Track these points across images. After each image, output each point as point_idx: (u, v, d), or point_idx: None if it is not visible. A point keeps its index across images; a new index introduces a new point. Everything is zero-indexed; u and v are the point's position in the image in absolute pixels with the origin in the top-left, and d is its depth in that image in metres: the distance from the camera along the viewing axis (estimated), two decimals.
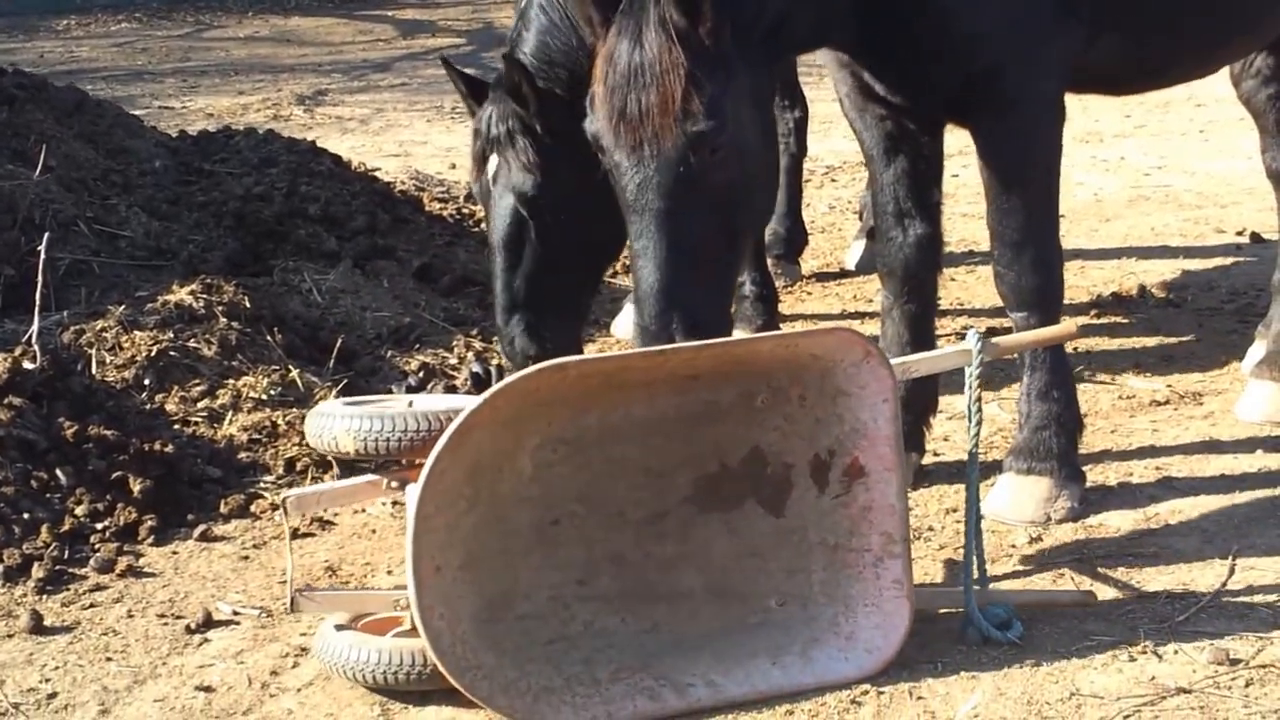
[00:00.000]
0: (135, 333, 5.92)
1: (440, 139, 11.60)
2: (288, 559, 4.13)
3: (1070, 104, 4.89)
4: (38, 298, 5.64)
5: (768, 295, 6.71)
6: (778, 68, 4.99)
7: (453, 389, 5.96)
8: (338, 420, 3.91)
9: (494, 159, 5.39)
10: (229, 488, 5.26)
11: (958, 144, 5.72)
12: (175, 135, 8.81)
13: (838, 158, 10.40)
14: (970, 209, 8.34)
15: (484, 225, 6.22)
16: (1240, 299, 7.11)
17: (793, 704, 3.82)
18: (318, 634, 4.07)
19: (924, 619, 4.09)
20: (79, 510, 4.93)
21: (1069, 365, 5.03)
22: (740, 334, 5.99)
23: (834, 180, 10.08)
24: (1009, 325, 4.97)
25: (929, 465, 5.22)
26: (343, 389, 5.86)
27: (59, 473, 5.02)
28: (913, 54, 4.64)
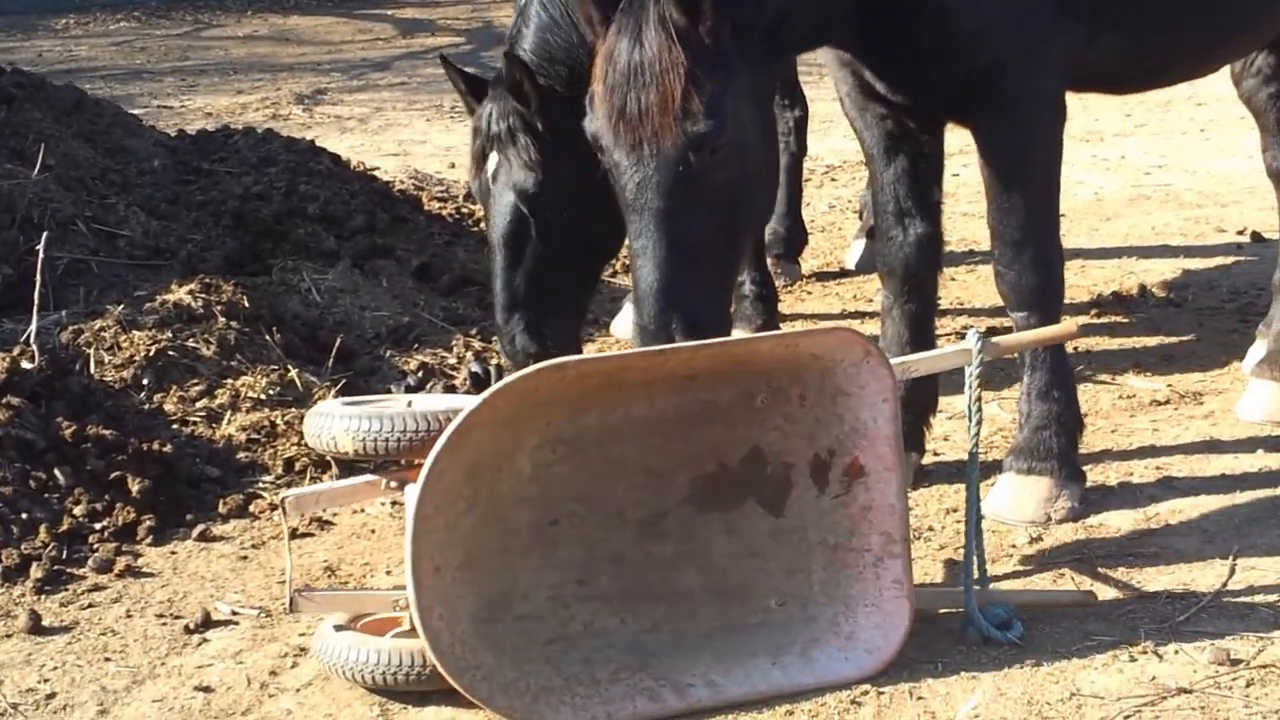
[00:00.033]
0: (134, 332, 5.91)
1: (439, 138, 11.59)
2: (287, 559, 4.12)
3: (1070, 103, 4.88)
4: (36, 297, 5.62)
5: (767, 295, 6.70)
6: (778, 66, 4.98)
7: (452, 389, 5.96)
8: (336, 420, 3.91)
9: (493, 157, 5.37)
10: (228, 488, 5.25)
11: (958, 143, 5.71)
12: (174, 134, 8.81)
13: (838, 157, 10.38)
14: (971, 208, 8.33)
15: (483, 224, 6.21)
16: (1241, 298, 7.11)
17: (793, 704, 3.82)
18: (317, 634, 4.07)
19: (924, 619, 4.08)
20: (77, 510, 4.93)
21: (1069, 365, 5.02)
22: (740, 333, 5.99)
23: (834, 179, 10.07)
24: (1009, 325, 4.96)
25: (929, 465, 5.22)
26: (341, 389, 5.84)
27: (57, 472, 5.01)
28: (913, 52, 4.64)
